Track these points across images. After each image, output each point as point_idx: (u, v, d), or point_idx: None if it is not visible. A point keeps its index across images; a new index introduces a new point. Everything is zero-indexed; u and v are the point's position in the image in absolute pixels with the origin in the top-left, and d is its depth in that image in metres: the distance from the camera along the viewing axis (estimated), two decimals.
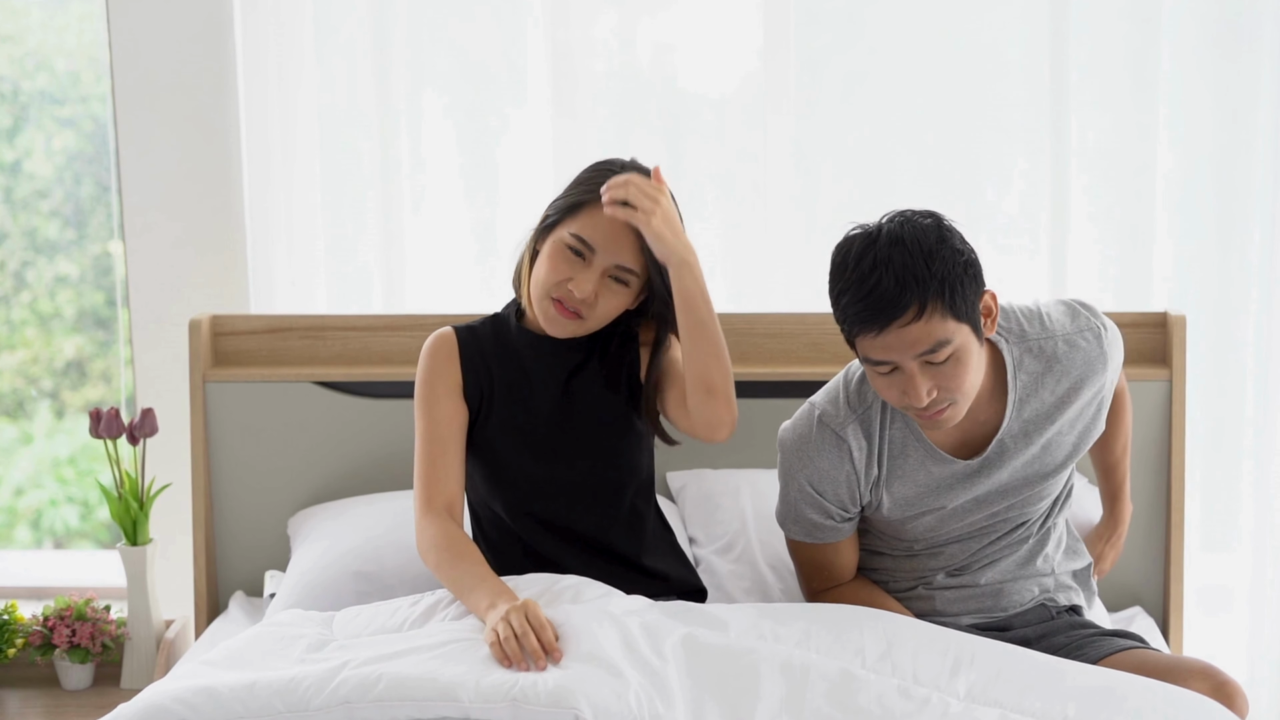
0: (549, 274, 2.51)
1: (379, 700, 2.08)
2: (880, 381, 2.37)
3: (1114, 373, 2.55)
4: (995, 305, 2.40)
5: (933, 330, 2.29)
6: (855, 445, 2.48)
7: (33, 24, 3.88)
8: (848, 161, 3.45)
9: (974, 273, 2.34)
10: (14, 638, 3.13)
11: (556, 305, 2.51)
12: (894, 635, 2.30)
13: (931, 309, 2.28)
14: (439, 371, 2.59)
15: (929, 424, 2.40)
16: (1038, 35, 3.37)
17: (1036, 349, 2.48)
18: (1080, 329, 2.50)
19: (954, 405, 2.36)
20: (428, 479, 2.55)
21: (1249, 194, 3.37)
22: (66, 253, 3.96)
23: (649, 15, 3.48)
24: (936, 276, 2.28)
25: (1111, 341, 2.53)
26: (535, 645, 2.21)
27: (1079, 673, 2.25)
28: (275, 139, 3.47)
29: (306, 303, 3.52)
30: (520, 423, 2.59)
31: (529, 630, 2.23)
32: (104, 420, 3.13)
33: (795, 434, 2.52)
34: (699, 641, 2.26)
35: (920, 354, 2.30)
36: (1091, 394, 2.51)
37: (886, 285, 2.27)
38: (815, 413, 2.51)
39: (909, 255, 2.28)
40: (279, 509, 3.24)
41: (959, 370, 2.33)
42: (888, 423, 2.49)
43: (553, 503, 2.59)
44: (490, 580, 2.40)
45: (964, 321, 2.32)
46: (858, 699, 2.17)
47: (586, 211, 2.50)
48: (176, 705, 2.12)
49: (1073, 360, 2.48)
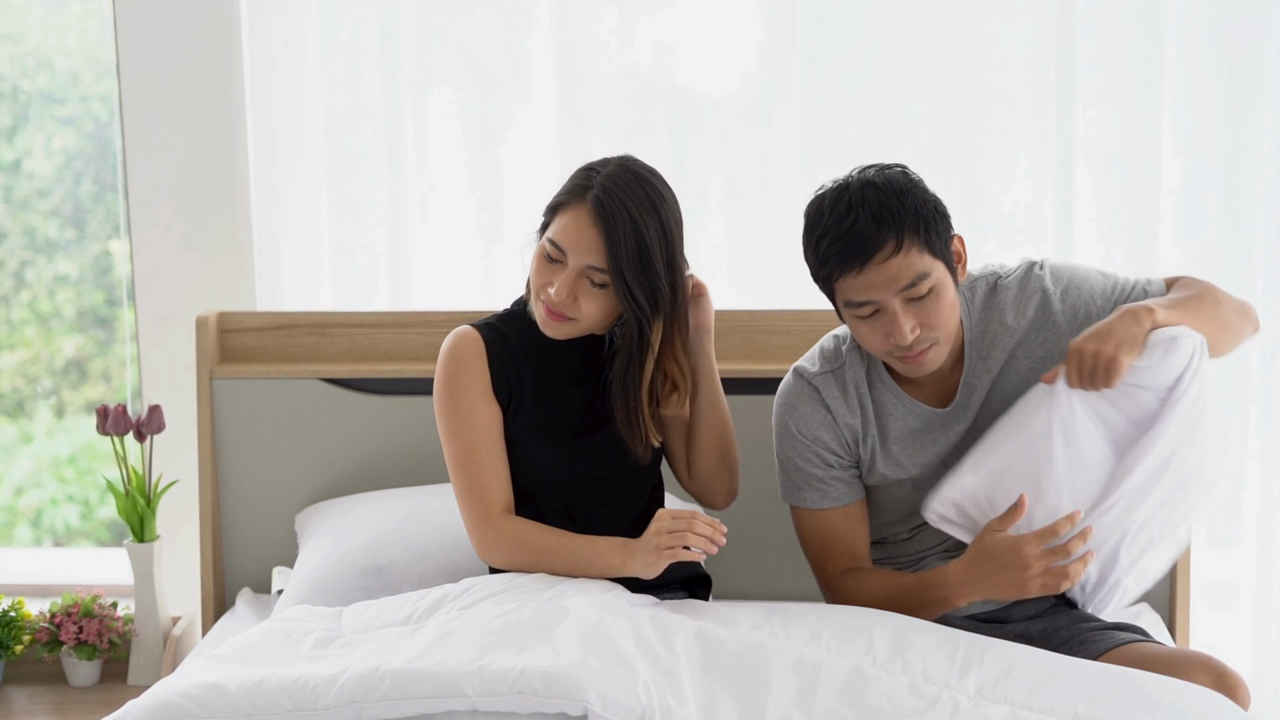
0: (534, 278, 2.53)
1: (385, 699, 2.08)
2: (863, 327, 2.43)
3: (1071, 312, 2.54)
4: (964, 250, 2.48)
5: (911, 263, 2.37)
6: (828, 394, 2.55)
7: (32, 23, 3.87)
8: (852, 159, 3.39)
9: (944, 214, 2.44)
10: (21, 634, 3.13)
11: (545, 308, 2.51)
12: (903, 636, 2.31)
13: (909, 243, 2.36)
14: (470, 374, 2.56)
15: (912, 368, 2.46)
16: (1043, 33, 3.38)
17: (984, 290, 2.55)
18: (1027, 274, 2.55)
19: (936, 345, 2.43)
20: (481, 487, 2.54)
21: (1254, 193, 3.38)
22: (66, 252, 3.95)
23: (649, 14, 3.49)
24: (910, 211, 2.37)
25: (1059, 281, 2.55)
26: (701, 524, 2.37)
27: (1088, 670, 2.26)
28: (281, 136, 3.47)
29: (312, 299, 3.52)
30: (553, 419, 2.59)
31: (685, 520, 2.38)
32: (111, 417, 3.13)
33: (780, 393, 2.63)
34: (710, 636, 2.26)
35: (901, 289, 2.37)
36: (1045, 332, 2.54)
37: (864, 223, 2.36)
38: (793, 369, 2.62)
39: (883, 194, 2.38)
40: (286, 505, 3.24)
41: (939, 305, 2.40)
42: (862, 379, 2.56)
43: (581, 497, 2.59)
44: (598, 541, 2.48)
45: (939, 258, 2.40)
46: (868, 696, 2.17)
47: (561, 215, 2.49)
48: (185, 702, 2.11)
49: (1021, 300, 2.53)
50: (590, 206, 2.45)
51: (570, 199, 2.49)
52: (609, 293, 2.49)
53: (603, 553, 2.46)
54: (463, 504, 2.55)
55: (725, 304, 3.48)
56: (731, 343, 3.23)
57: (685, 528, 2.40)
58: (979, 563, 2.40)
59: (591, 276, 2.47)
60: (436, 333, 3.26)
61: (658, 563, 2.42)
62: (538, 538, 2.50)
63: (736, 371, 3.16)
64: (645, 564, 2.43)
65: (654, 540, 2.41)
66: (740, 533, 3.01)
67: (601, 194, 2.44)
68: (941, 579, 2.45)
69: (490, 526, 2.52)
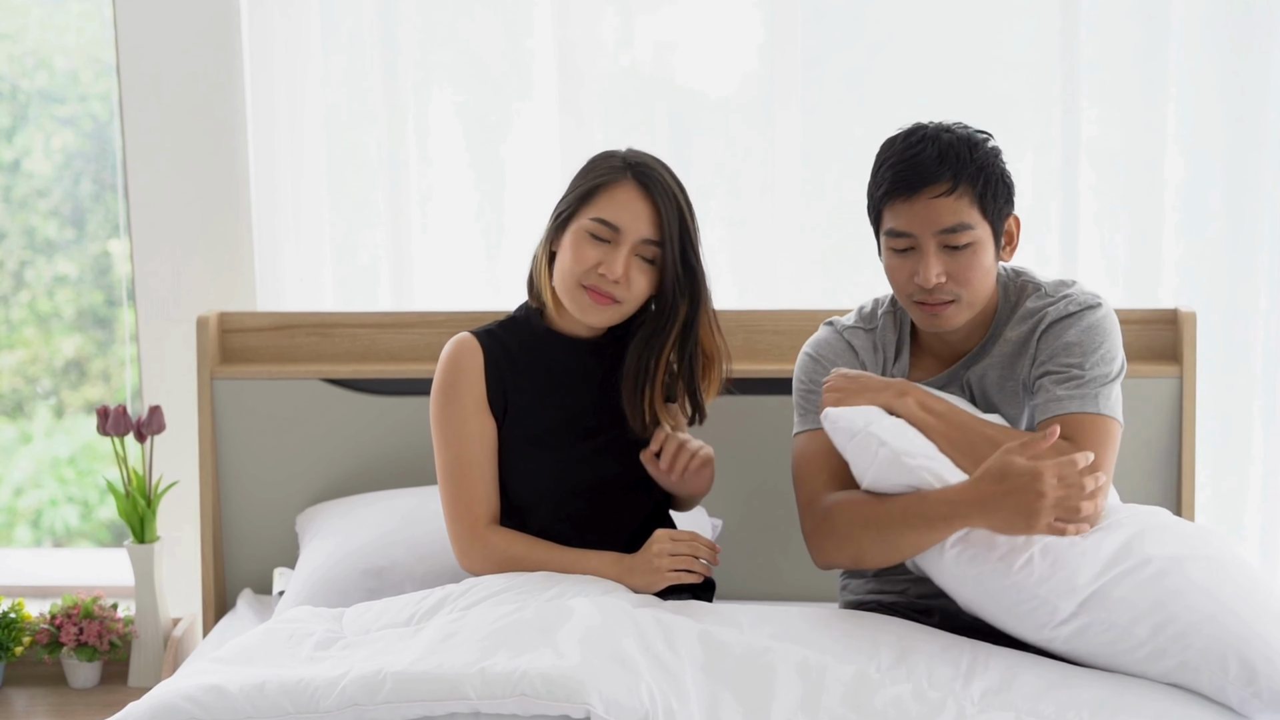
0: (576, 263, 2.51)
1: (387, 701, 2.07)
2: (894, 260, 2.46)
3: (1060, 353, 2.47)
4: (1017, 234, 2.50)
5: (959, 210, 2.40)
6: (857, 343, 2.60)
7: (32, 22, 3.87)
8: (854, 158, 3.44)
9: (1009, 186, 2.46)
10: (21, 636, 3.12)
11: (590, 293, 2.51)
12: (908, 642, 2.31)
13: (963, 190, 2.40)
14: (466, 385, 2.57)
15: (929, 320, 2.46)
16: (1046, 32, 3.37)
17: (1033, 303, 2.52)
18: (1059, 291, 2.53)
19: (957, 303, 2.44)
20: (469, 499, 2.55)
21: (1258, 191, 3.37)
22: (66, 252, 3.95)
23: (650, 13, 3.48)
24: (976, 163, 2.41)
25: (1081, 307, 2.48)
26: (703, 549, 2.46)
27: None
28: (282, 135, 3.47)
29: (314, 299, 3.51)
30: (557, 425, 2.59)
31: (687, 543, 2.46)
32: (111, 417, 3.12)
33: (811, 340, 2.65)
34: (714, 639, 2.25)
35: (941, 230, 2.40)
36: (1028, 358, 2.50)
37: (929, 155, 2.40)
38: (826, 321, 2.66)
39: (956, 140, 2.42)
40: (287, 506, 3.23)
41: (973, 263, 2.42)
42: (891, 344, 2.58)
43: (585, 504, 2.59)
44: (590, 556, 2.50)
45: (988, 221, 2.43)
46: (873, 701, 2.17)
47: (604, 195, 2.51)
48: (186, 704, 2.11)
49: (1033, 310, 2.52)
50: (636, 182, 2.51)
51: (611, 177, 2.52)
52: (654, 270, 2.53)
53: (598, 567, 2.48)
54: (449, 514, 2.56)
55: (726, 303, 3.47)
56: (732, 342, 3.21)
57: (689, 551, 2.45)
58: (991, 481, 2.26)
59: (643, 252, 2.52)
60: (438, 333, 3.25)
61: (658, 583, 2.46)
62: (527, 552, 2.52)
63: (737, 371, 3.13)
64: (646, 582, 2.46)
65: (655, 561, 2.45)
66: (741, 533, 3.00)
67: (642, 170, 2.52)
68: (944, 495, 2.29)
69: (477, 540, 2.53)
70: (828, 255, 3.46)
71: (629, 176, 2.52)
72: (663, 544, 2.46)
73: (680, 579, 2.46)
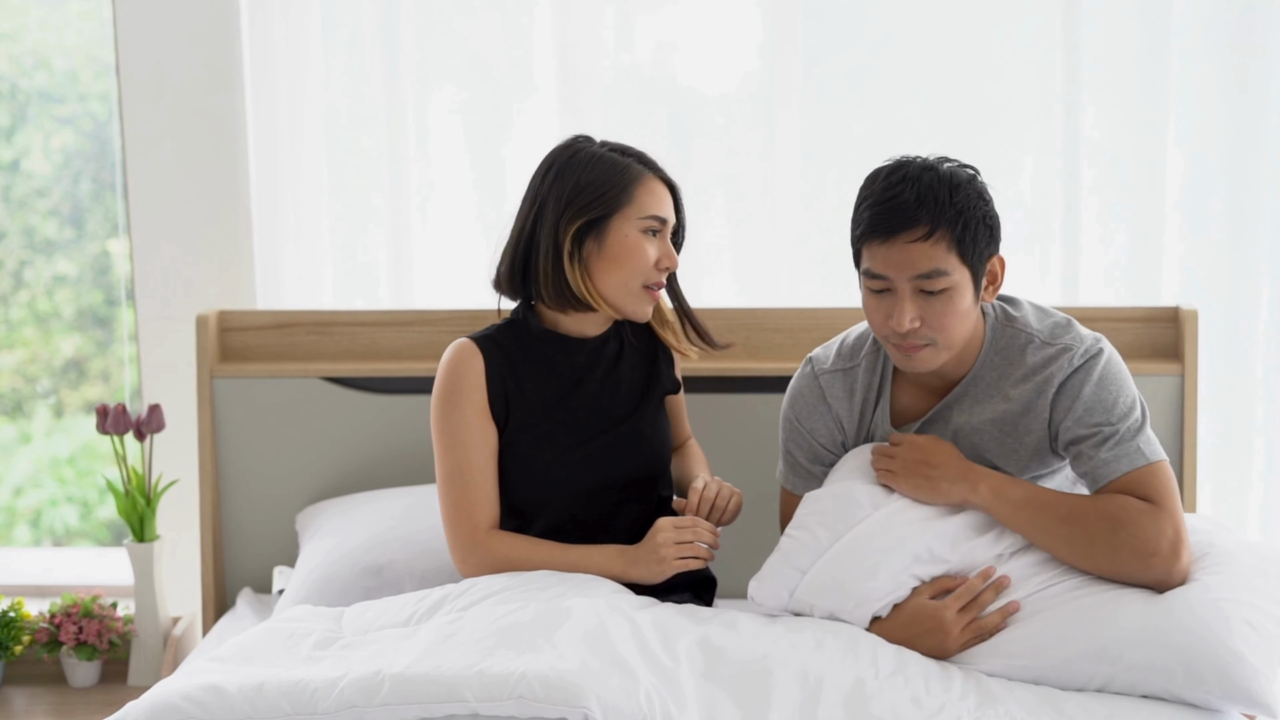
0: (643, 263, 2.54)
1: (385, 704, 2.06)
2: (871, 301, 2.43)
3: (1064, 412, 2.43)
4: (1001, 274, 2.45)
5: (935, 256, 2.35)
6: (832, 393, 2.57)
7: (31, 22, 3.87)
8: (855, 158, 3.44)
9: (991, 228, 2.41)
10: (20, 635, 3.12)
11: (650, 291, 2.57)
12: (905, 655, 2.32)
13: (941, 235, 2.34)
14: (467, 392, 2.56)
15: (904, 361, 2.44)
16: (1047, 32, 3.37)
17: (1033, 357, 2.46)
18: (1057, 338, 2.47)
19: (932, 347, 2.41)
20: (469, 506, 2.55)
21: (1260, 189, 3.37)
22: (65, 252, 3.95)
23: (650, 13, 3.48)
24: (956, 207, 2.35)
25: (1079, 364, 2.43)
26: (704, 533, 2.49)
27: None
28: (282, 134, 3.47)
29: (313, 298, 3.51)
30: (562, 425, 2.59)
31: (689, 529, 2.48)
32: (111, 416, 3.12)
33: (792, 379, 2.66)
34: (713, 643, 2.25)
35: (917, 275, 2.35)
36: (1031, 416, 2.46)
37: (907, 198, 2.35)
38: (808, 358, 2.65)
39: (937, 181, 2.37)
40: (287, 505, 3.23)
41: (948, 310, 2.38)
42: (874, 384, 2.56)
43: (595, 503, 2.59)
44: (593, 552, 2.51)
45: (967, 265, 2.37)
46: (871, 708, 2.17)
47: (642, 192, 2.54)
48: (185, 703, 2.10)
49: (1036, 366, 2.46)
50: (652, 172, 2.57)
51: (635, 174, 2.56)
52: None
53: (601, 563, 2.50)
54: (448, 520, 2.56)
55: (727, 302, 3.48)
56: (733, 341, 3.22)
57: (693, 537, 2.47)
58: (902, 627, 2.39)
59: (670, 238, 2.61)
60: (438, 331, 3.25)
61: (665, 571, 2.47)
62: (528, 555, 2.52)
63: (738, 370, 3.15)
64: (651, 572, 2.47)
65: (660, 550, 2.46)
66: (742, 533, 3.00)
67: (647, 159, 2.59)
68: (876, 630, 2.42)
69: (477, 546, 2.53)
70: (828, 254, 3.46)
71: (645, 169, 2.56)
72: (667, 533, 2.48)
73: (686, 566, 2.48)
